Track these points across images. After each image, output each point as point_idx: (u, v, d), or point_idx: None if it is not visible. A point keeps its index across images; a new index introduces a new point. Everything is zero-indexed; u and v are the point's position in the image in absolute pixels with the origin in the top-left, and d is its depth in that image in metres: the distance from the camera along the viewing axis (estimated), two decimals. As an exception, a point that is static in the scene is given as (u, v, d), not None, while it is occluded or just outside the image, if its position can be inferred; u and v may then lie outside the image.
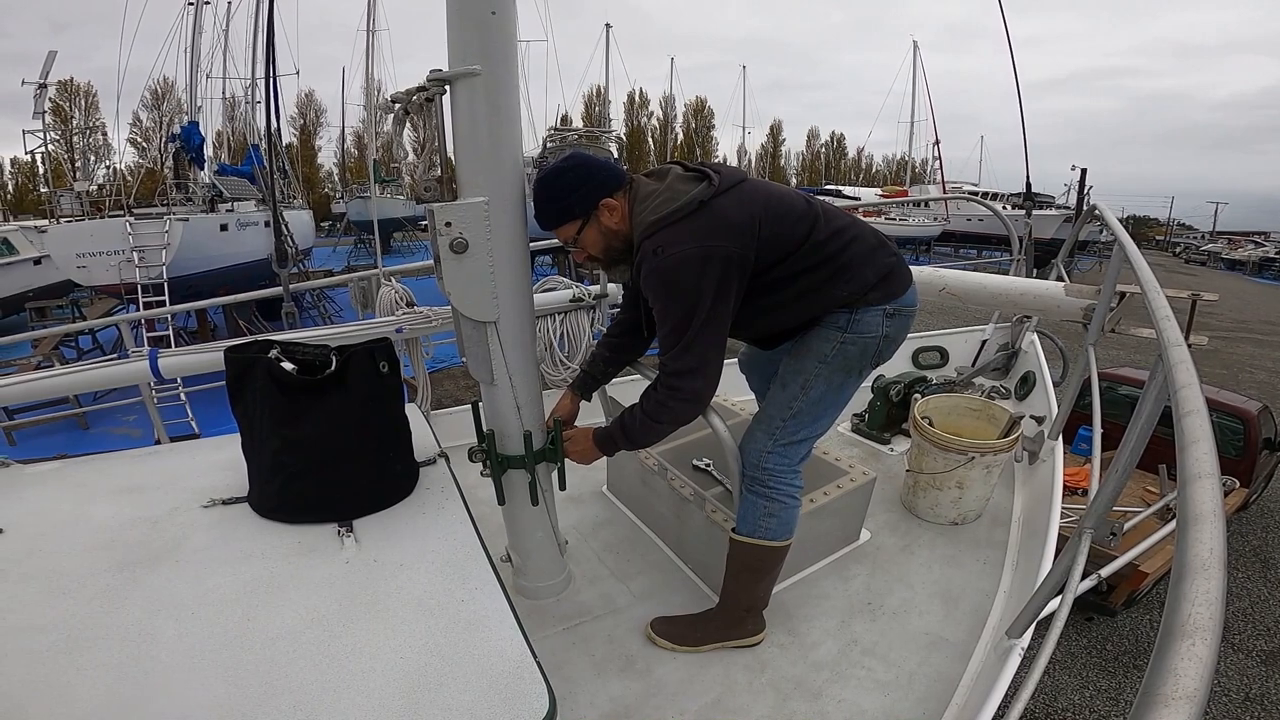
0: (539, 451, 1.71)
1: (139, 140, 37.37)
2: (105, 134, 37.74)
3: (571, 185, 1.51)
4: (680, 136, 54.86)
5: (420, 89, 1.39)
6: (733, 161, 56.39)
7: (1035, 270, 3.89)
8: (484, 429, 1.71)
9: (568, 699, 1.60)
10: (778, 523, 1.69)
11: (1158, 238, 57.25)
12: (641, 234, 1.46)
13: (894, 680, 1.68)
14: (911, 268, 1.79)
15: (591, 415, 2.49)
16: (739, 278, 1.45)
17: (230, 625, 1.15)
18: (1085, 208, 3.68)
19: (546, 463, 1.74)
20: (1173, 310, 1.31)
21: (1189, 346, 1.09)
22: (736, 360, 2.14)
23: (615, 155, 23.64)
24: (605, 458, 1.76)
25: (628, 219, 1.52)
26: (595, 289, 2.85)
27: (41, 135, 14.61)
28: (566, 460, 1.75)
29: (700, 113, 56.70)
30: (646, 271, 1.43)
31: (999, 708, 1.35)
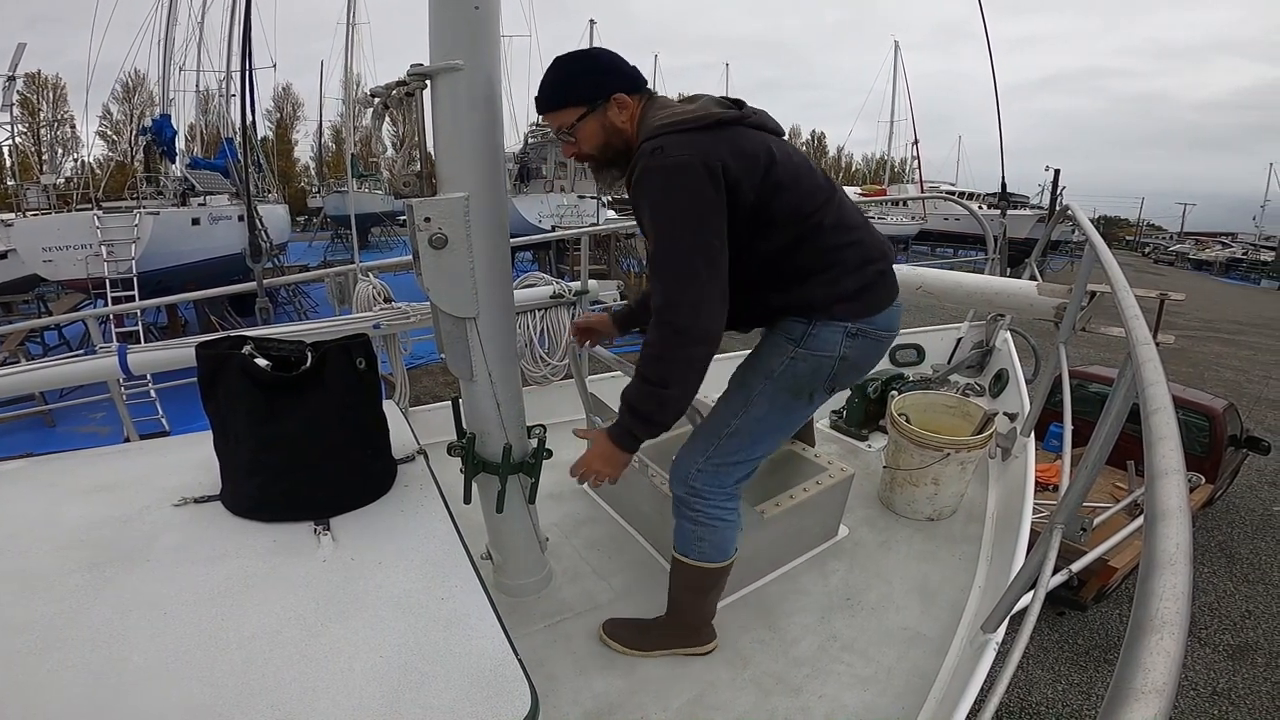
0: (516, 464, 1.68)
1: (109, 133, 36.58)
2: (73, 127, 36.89)
3: (589, 68, 1.42)
4: (662, 134, 54.73)
5: (400, 83, 1.38)
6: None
7: (1010, 269, 3.96)
8: (463, 427, 1.68)
9: (550, 696, 1.60)
10: (709, 546, 1.59)
11: (1128, 238, 58.54)
12: (647, 132, 1.36)
13: (873, 675, 1.70)
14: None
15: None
16: (733, 212, 1.32)
17: (205, 625, 1.13)
18: (1058, 208, 3.74)
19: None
20: (1141, 309, 1.33)
21: (1157, 345, 1.12)
22: None
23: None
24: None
25: (635, 122, 1.43)
26: (576, 285, 2.85)
27: (9, 128, 14.23)
28: (544, 470, 1.69)
29: (683, 110, 56.66)
30: (641, 170, 1.32)
31: (975, 702, 1.38)
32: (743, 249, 1.38)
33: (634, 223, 1.60)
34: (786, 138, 1.50)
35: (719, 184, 1.29)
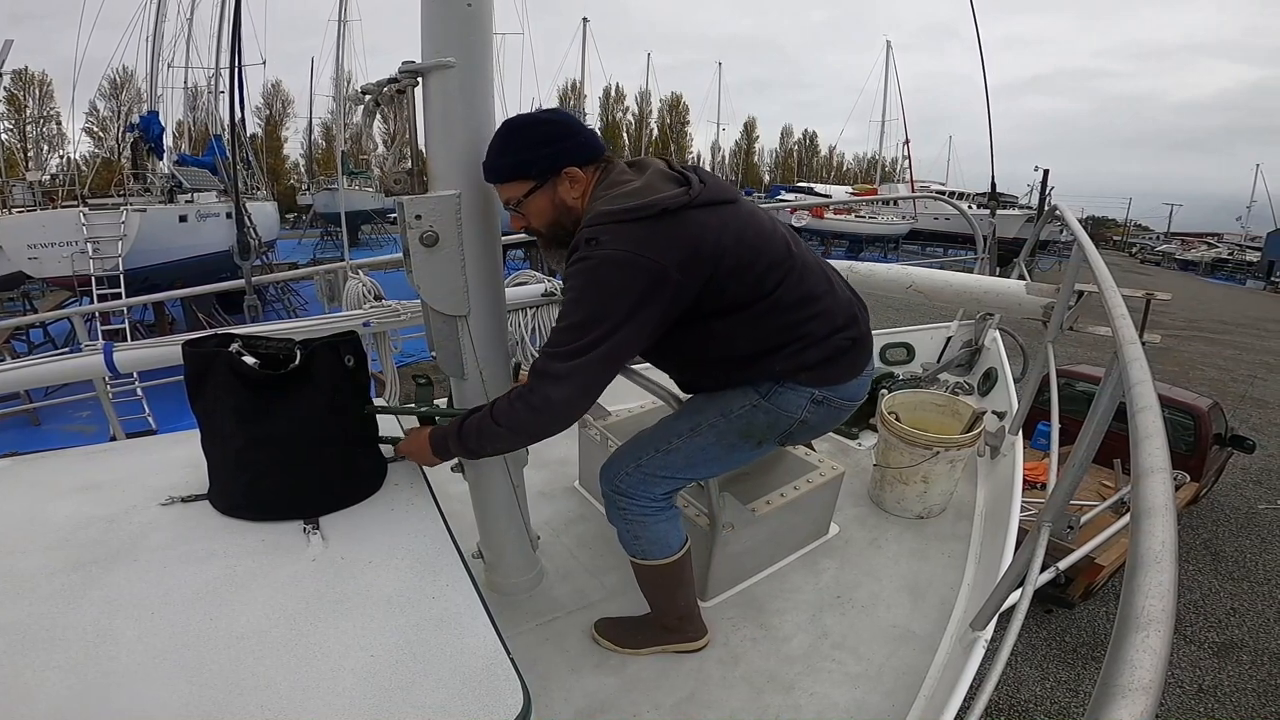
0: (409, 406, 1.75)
1: (95, 130, 36.20)
2: (59, 123, 36.50)
3: (541, 139, 1.33)
4: (655, 132, 54.93)
5: (391, 80, 1.37)
6: (706, 158, 56.75)
7: (999, 269, 3.98)
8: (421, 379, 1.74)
9: (542, 695, 1.60)
10: (647, 544, 1.60)
11: (1115, 238, 59.06)
12: (587, 220, 1.29)
13: (864, 673, 1.71)
14: (880, 265, 1.75)
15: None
16: (666, 307, 1.27)
17: (193, 624, 1.12)
18: (1046, 208, 3.77)
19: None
20: (1128, 309, 1.34)
21: (1143, 344, 1.13)
22: None
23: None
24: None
25: (586, 198, 1.37)
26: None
27: (-5, 124, 14.11)
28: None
29: (676, 108, 56.87)
30: (574, 259, 1.26)
31: (964, 699, 1.38)
32: (699, 329, 1.37)
33: None
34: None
35: (655, 282, 1.23)
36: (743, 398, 1.47)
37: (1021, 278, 2.92)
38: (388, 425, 1.78)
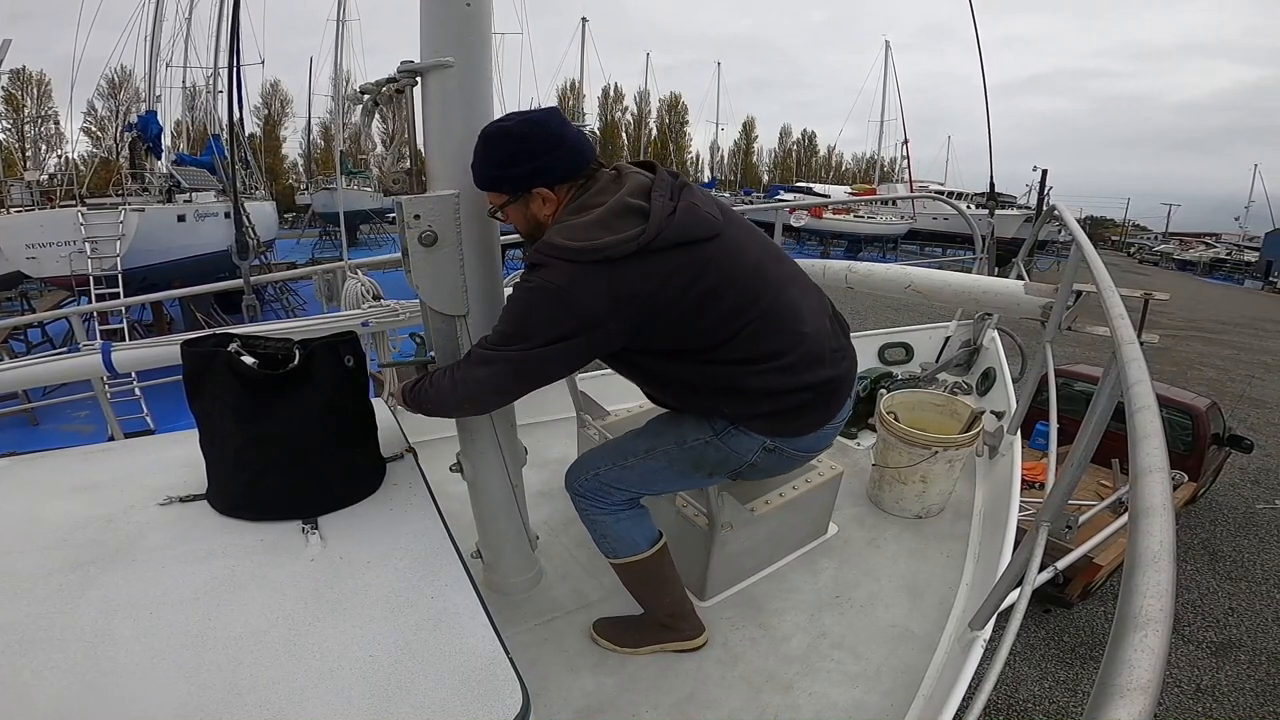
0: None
1: (94, 130, 36.15)
2: (57, 123, 36.43)
3: (515, 156, 1.30)
4: (654, 132, 54.93)
5: (390, 80, 1.37)
6: (705, 158, 56.77)
7: (997, 268, 3.99)
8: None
9: (541, 695, 1.60)
10: (614, 541, 1.64)
11: (1113, 238, 59.14)
12: (539, 243, 1.30)
13: (862, 673, 1.71)
14: (879, 265, 1.75)
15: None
16: (595, 346, 1.30)
17: (192, 624, 1.12)
18: (1045, 208, 3.77)
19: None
20: (1126, 309, 1.34)
21: (1141, 344, 1.13)
22: None
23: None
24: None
25: (558, 214, 1.36)
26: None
27: (-7, 124, 14.13)
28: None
29: (675, 108, 56.86)
30: (521, 275, 1.32)
31: (963, 699, 1.39)
32: (650, 360, 1.39)
33: None
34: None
35: (582, 324, 1.24)
36: (698, 430, 1.49)
37: (1020, 277, 2.92)
38: (390, 427, 1.78)
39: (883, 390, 2.96)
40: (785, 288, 1.40)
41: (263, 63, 27.86)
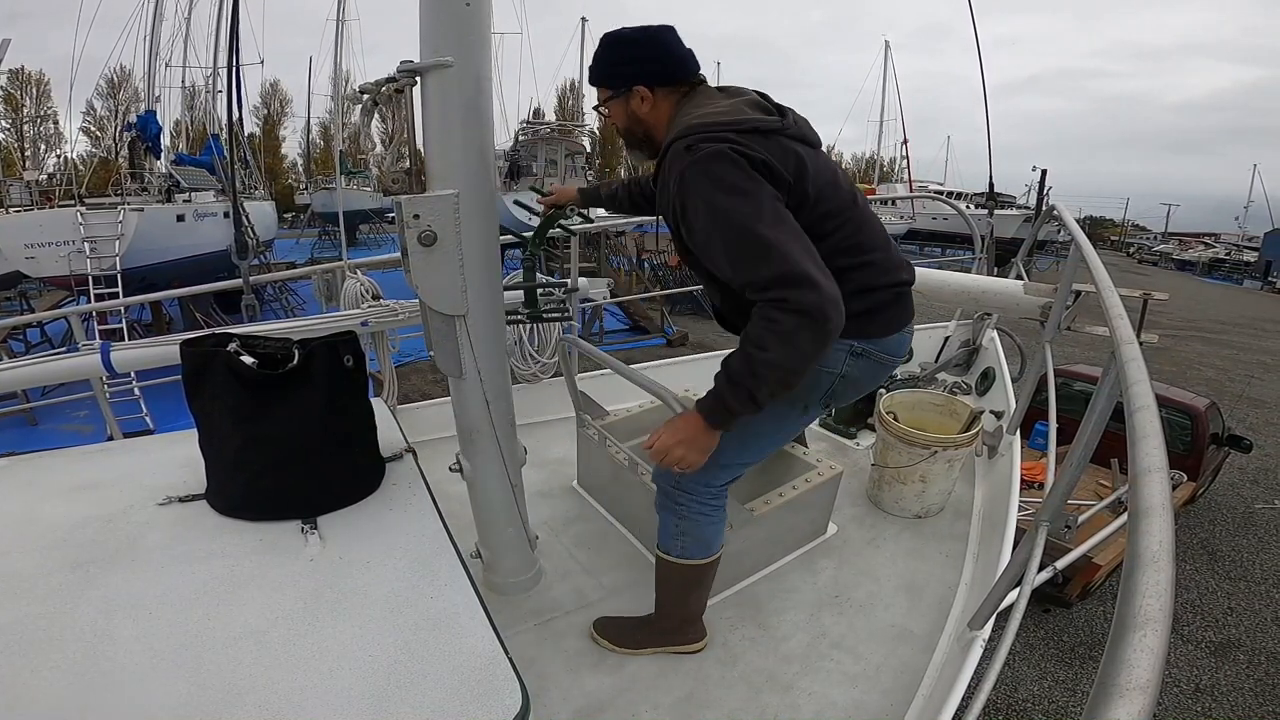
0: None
1: (93, 129, 36.12)
2: (56, 123, 36.41)
3: (622, 56, 1.45)
4: (652, 132, 54.81)
5: (390, 80, 1.37)
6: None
7: (996, 268, 3.99)
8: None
9: (540, 695, 1.60)
10: (691, 541, 1.60)
11: (1112, 238, 59.14)
12: (678, 130, 1.30)
13: (862, 672, 1.71)
14: None
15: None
16: (779, 190, 1.25)
17: (191, 624, 1.12)
18: (1044, 208, 3.78)
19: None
20: (1125, 309, 1.34)
21: (1140, 344, 1.13)
22: None
23: (588, 150, 23.56)
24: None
25: (665, 116, 1.43)
26: (566, 283, 2.84)
27: (-8, 124, 14.14)
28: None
29: (673, 108, 56.73)
30: (678, 174, 1.26)
31: (962, 698, 1.39)
32: None
33: (623, 220, 1.60)
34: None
35: (759, 167, 1.24)
36: None
37: (1019, 277, 2.93)
38: (390, 427, 1.78)
39: (882, 390, 2.96)
40: (866, 205, 1.48)
41: (262, 62, 27.91)
